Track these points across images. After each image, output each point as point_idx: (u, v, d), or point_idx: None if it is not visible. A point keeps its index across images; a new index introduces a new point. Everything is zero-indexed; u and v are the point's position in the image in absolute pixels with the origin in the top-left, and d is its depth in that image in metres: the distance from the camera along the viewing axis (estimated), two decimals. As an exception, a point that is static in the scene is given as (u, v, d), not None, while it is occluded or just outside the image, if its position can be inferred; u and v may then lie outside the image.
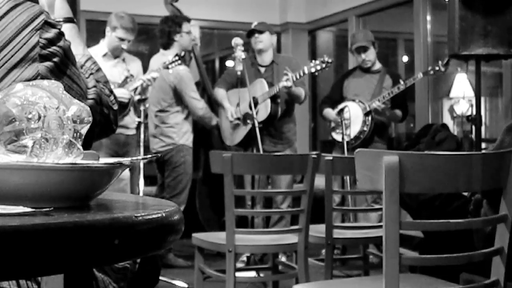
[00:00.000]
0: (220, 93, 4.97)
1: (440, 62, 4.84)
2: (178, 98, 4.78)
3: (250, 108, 4.59)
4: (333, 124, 5.08)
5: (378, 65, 5.19)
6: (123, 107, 4.47)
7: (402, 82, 4.90)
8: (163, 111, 4.83)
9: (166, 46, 4.89)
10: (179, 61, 4.61)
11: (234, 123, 4.85)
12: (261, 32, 4.85)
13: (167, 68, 4.60)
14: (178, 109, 4.82)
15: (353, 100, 5.02)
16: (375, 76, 5.13)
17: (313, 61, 4.75)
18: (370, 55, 5.11)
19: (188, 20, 5.07)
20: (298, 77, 4.62)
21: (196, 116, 4.86)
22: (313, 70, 4.69)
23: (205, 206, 5.38)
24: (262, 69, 4.89)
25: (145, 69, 4.95)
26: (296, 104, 4.98)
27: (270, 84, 4.73)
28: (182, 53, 4.75)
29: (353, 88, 5.13)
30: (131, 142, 4.78)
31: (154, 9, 5.45)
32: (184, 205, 4.80)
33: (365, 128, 4.95)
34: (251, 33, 4.88)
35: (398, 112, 5.01)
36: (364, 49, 5.11)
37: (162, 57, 4.83)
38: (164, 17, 5.07)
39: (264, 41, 4.85)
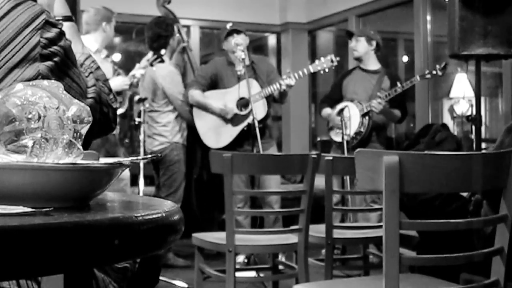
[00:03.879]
0: (197, 94, 4.76)
1: (437, 66, 4.84)
2: (169, 98, 4.80)
3: (240, 108, 4.58)
4: (330, 124, 5.08)
5: (377, 66, 5.18)
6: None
7: (399, 85, 4.89)
8: (155, 111, 4.84)
9: (160, 50, 4.84)
10: (159, 59, 4.61)
11: (222, 121, 4.77)
12: (239, 32, 4.77)
13: (151, 65, 4.61)
14: (170, 108, 4.83)
15: (351, 101, 5.01)
16: (374, 77, 5.12)
17: (317, 60, 4.71)
18: (359, 47, 5.11)
19: (178, 21, 5.07)
20: (301, 75, 4.59)
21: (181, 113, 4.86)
22: (318, 68, 4.67)
23: (202, 205, 5.37)
24: (243, 70, 4.73)
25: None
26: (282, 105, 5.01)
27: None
28: (163, 52, 4.72)
29: (352, 88, 5.13)
30: (118, 142, 4.77)
31: (153, 9, 5.44)
32: (180, 203, 4.79)
33: (362, 129, 4.94)
34: (229, 34, 4.77)
35: (397, 111, 5.00)
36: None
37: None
38: (155, 19, 4.98)
39: (242, 41, 4.77)
